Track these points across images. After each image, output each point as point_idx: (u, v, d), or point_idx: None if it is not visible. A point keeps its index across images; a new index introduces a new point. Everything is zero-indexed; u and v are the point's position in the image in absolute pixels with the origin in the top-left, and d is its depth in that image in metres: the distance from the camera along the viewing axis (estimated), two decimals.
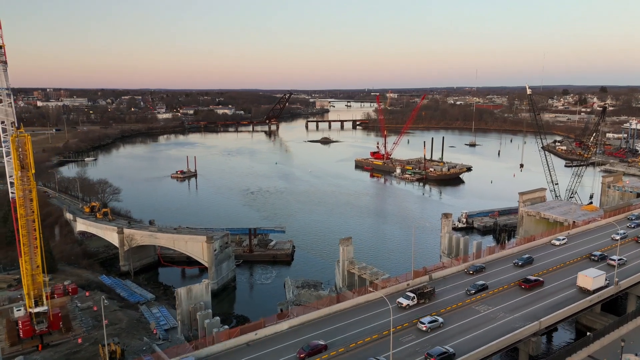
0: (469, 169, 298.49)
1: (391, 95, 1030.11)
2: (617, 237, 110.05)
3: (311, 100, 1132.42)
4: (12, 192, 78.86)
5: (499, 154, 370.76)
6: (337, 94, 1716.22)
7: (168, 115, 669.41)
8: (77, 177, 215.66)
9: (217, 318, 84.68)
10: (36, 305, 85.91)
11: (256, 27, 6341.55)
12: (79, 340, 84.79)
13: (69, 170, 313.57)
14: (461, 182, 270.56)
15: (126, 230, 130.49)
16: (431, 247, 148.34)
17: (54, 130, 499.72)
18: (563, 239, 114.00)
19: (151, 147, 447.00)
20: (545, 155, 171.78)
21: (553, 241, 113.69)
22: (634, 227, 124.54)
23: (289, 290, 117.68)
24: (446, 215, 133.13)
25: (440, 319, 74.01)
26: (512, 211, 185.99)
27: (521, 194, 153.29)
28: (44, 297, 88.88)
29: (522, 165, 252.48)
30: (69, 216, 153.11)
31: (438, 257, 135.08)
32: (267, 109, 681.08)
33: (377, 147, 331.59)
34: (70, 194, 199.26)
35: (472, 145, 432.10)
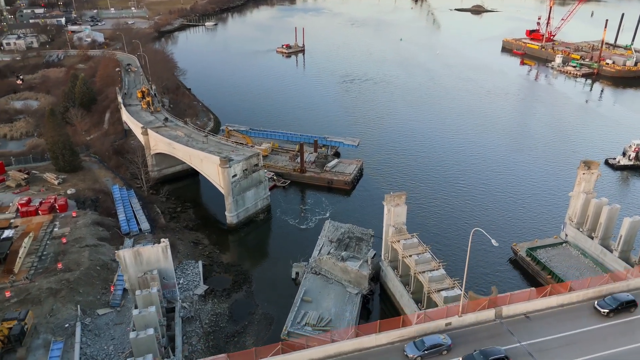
0: None
1: None
2: None
3: None
4: None
5: None
6: None
7: None
8: (159, 47, 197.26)
9: (152, 310, 58.59)
10: None
11: None
12: (7, 294, 67.41)
13: (188, 35, 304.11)
14: None
15: (150, 132, 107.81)
16: (560, 204, 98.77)
17: None
18: None
19: (279, 11, 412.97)
20: None
21: None
22: None
23: (319, 243, 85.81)
24: (588, 165, 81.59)
25: None
26: None
27: None
28: None
29: None
30: (119, 100, 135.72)
31: (561, 226, 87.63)
32: None
33: (538, 22, 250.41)
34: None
35: None
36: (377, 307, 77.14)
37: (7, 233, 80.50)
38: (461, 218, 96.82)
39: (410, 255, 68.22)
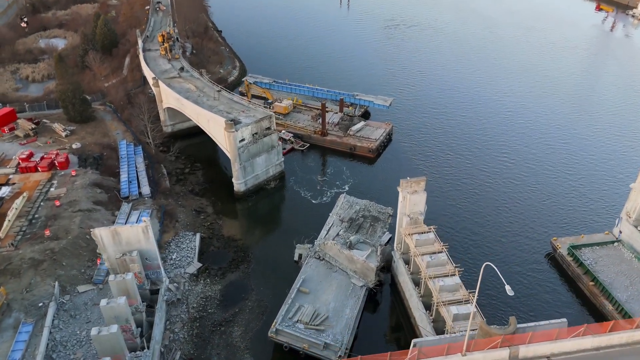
0: None
1: None
2: None
3: None
4: None
5: None
6: None
7: None
8: None
9: (121, 302, 52.81)
10: None
11: None
12: None
13: None
14: None
15: (161, 84, 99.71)
16: (618, 194, 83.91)
17: None
18: None
19: None
20: None
21: None
22: None
23: (329, 222, 77.11)
24: None
25: None
26: None
27: None
28: None
29: None
30: (139, 44, 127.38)
31: (615, 220, 73.94)
32: None
33: None
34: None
35: None
36: (387, 299, 69.04)
37: (3, 192, 77.17)
38: (497, 200, 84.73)
39: (422, 255, 58.36)
